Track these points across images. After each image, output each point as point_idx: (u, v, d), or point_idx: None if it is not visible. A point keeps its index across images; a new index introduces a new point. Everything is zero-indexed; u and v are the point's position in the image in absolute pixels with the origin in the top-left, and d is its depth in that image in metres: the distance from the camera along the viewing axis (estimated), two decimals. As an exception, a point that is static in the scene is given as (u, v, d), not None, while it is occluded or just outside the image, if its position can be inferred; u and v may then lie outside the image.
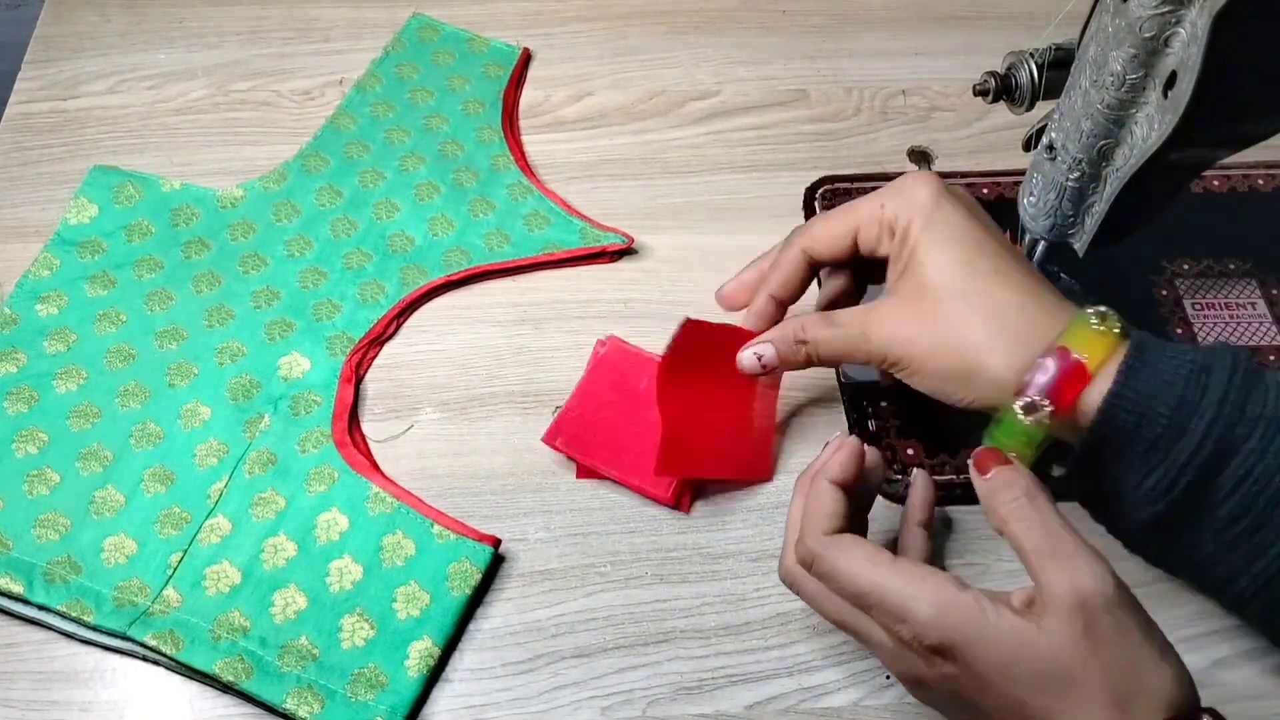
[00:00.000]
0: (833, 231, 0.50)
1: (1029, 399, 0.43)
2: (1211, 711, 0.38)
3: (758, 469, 0.54)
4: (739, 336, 0.52)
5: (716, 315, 0.60)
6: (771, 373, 0.52)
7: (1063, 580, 0.38)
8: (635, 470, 0.53)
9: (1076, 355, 0.43)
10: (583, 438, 0.53)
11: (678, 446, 0.51)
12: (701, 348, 0.52)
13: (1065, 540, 0.40)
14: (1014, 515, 0.41)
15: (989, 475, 0.42)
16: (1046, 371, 0.43)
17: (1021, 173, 0.55)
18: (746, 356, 0.51)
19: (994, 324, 0.45)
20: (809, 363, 0.50)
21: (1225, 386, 0.41)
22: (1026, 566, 0.40)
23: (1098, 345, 0.43)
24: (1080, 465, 0.44)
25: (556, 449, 0.53)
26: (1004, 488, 0.41)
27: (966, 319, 0.45)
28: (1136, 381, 0.42)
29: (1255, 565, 0.43)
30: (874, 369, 0.52)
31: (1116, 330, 0.43)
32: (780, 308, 0.52)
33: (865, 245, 0.50)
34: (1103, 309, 0.44)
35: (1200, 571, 0.45)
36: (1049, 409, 0.42)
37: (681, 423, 0.51)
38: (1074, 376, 0.43)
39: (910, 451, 0.55)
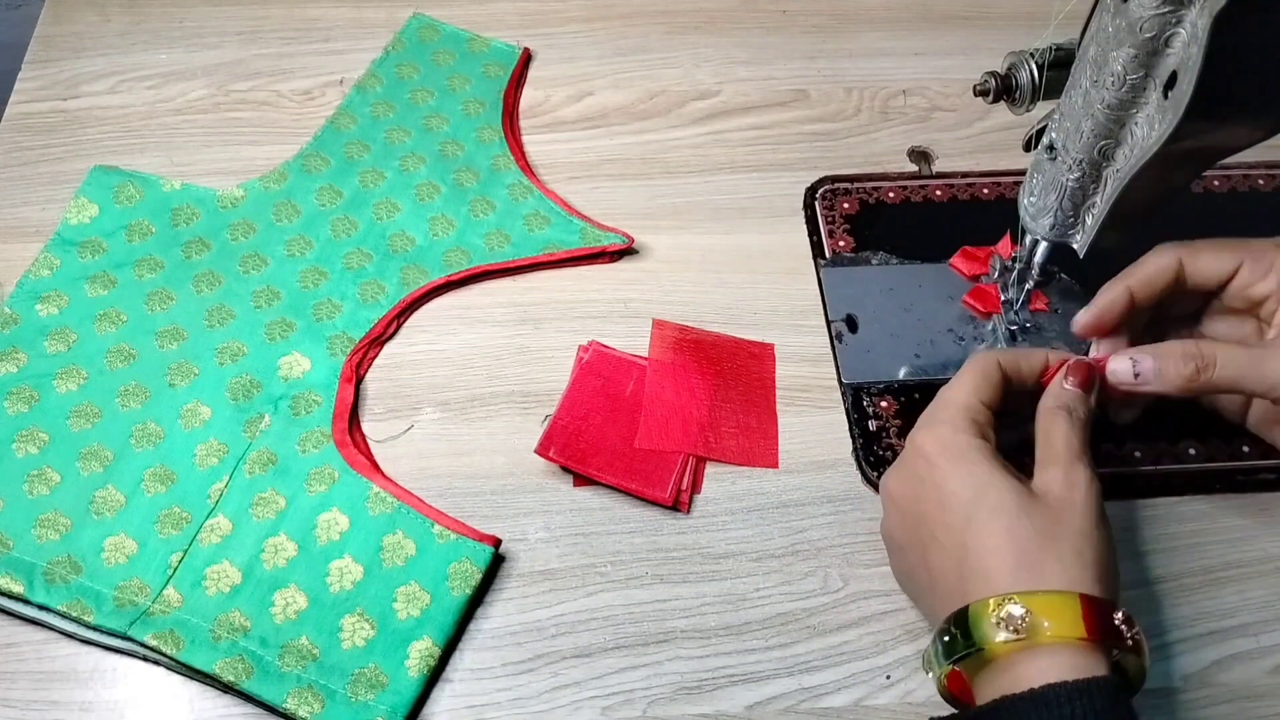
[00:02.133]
0: (1217, 253, 0.50)
1: None
2: (1127, 616, 0.41)
3: (762, 457, 0.55)
4: (719, 340, 0.57)
5: (717, 315, 0.60)
6: (1131, 388, 0.49)
7: (1057, 476, 0.44)
8: (631, 474, 0.53)
9: None
10: (575, 446, 0.53)
11: (655, 421, 0.55)
12: (677, 346, 0.57)
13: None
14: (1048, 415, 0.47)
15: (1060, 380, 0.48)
16: None
17: (1021, 173, 0.55)
18: (1121, 363, 0.48)
19: None
20: (1191, 387, 0.47)
21: None
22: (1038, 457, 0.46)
23: None
24: None
25: (550, 460, 0.53)
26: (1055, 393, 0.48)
27: None
28: None
29: None
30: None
31: None
32: (1130, 306, 0.50)
33: (1244, 278, 0.50)
34: None
35: None
36: None
37: (661, 401, 0.55)
38: None
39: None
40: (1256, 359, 0.47)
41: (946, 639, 0.42)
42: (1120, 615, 0.41)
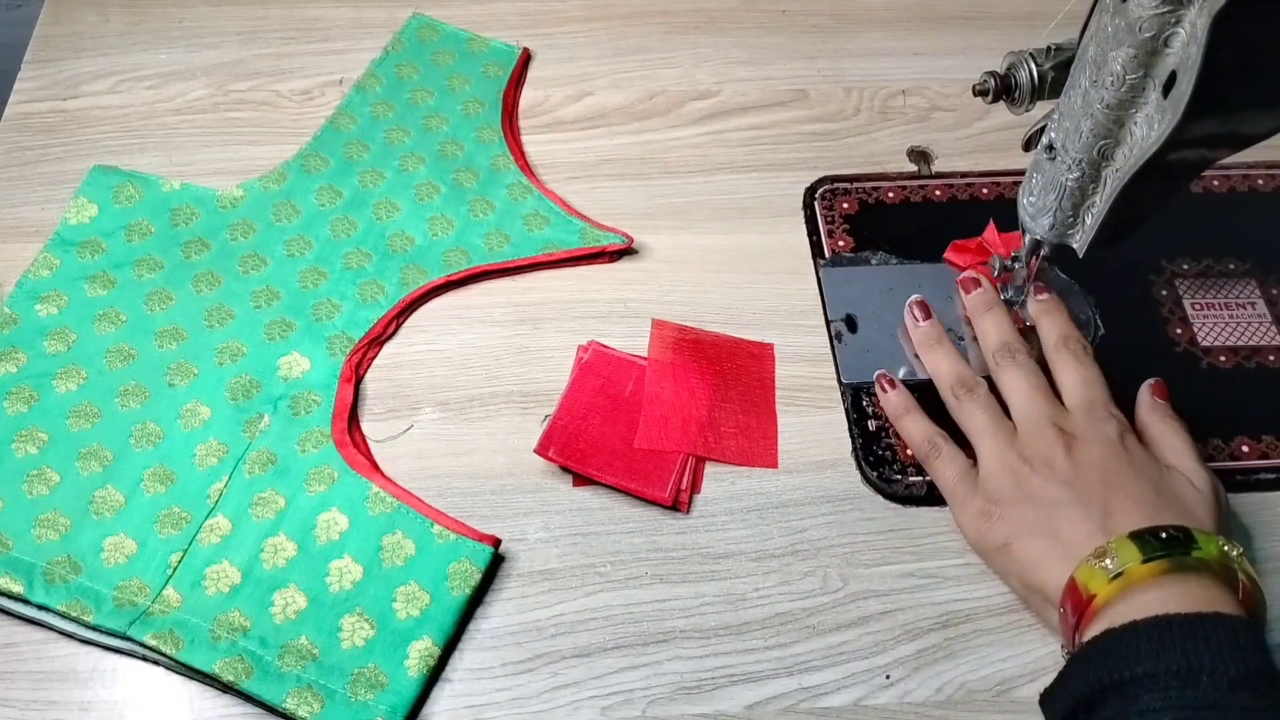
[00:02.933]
0: None
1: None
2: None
3: (762, 457, 0.55)
4: (718, 340, 0.58)
5: (716, 315, 0.60)
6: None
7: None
8: (631, 474, 0.53)
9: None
10: (574, 446, 0.53)
11: (654, 421, 0.55)
12: (676, 346, 0.57)
13: None
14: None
15: None
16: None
17: (1021, 173, 0.55)
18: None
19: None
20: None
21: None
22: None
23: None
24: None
25: (549, 460, 0.53)
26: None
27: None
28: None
29: None
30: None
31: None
32: None
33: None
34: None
35: None
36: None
37: (661, 401, 0.56)
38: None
39: (910, 451, 0.55)
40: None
41: (1165, 535, 0.44)
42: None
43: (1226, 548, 0.44)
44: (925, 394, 0.56)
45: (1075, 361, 0.53)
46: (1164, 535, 0.44)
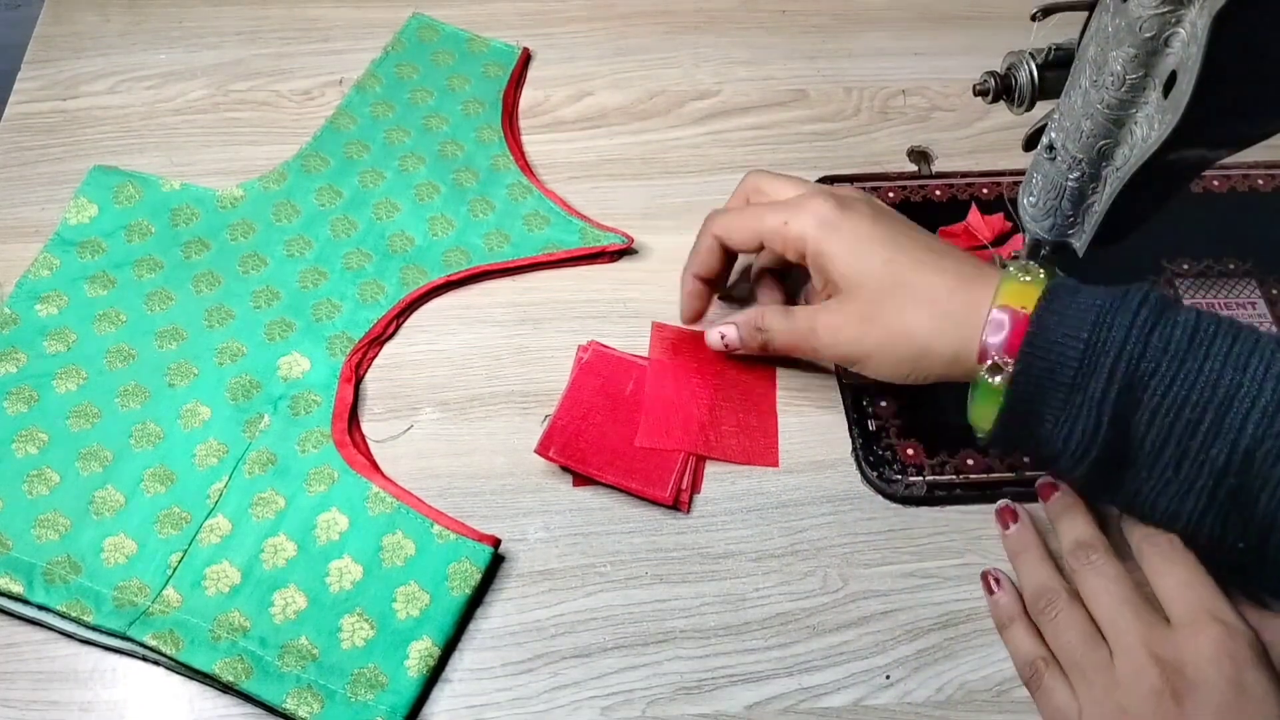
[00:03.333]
0: (740, 231, 0.55)
1: (991, 360, 0.46)
2: None
3: (762, 456, 0.55)
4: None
5: (716, 316, 0.60)
6: (736, 352, 0.56)
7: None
8: (632, 473, 0.53)
9: (1017, 308, 0.45)
10: (575, 446, 0.53)
11: (655, 420, 0.55)
12: (676, 348, 0.58)
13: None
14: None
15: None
16: (1000, 330, 0.46)
17: (1021, 173, 0.55)
18: (712, 335, 0.56)
19: (930, 310, 0.48)
20: (765, 350, 0.55)
21: (1129, 324, 0.43)
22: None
23: (1029, 295, 0.46)
24: (1009, 415, 0.46)
25: (550, 459, 0.53)
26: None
27: (904, 311, 0.49)
28: (1046, 329, 0.44)
29: (1186, 504, 0.44)
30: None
31: (1042, 278, 0.46)
32: (708, 285, 0.58)
33: (770, 251, 0.55)
34: (1024, 262, 0.48)
35: (1147, 511, 0.46)
36: (1011, 364, 0.45)
37: (661, 400, 0.56)
38: (1020, 328, 0.45)
39: (910, 451, 0.55)
40: (805, 332, 0.52)
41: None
42: None
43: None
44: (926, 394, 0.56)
45: (1165, 561, 0.47)
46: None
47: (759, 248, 0.55)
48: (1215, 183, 0.66)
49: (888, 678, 0.49)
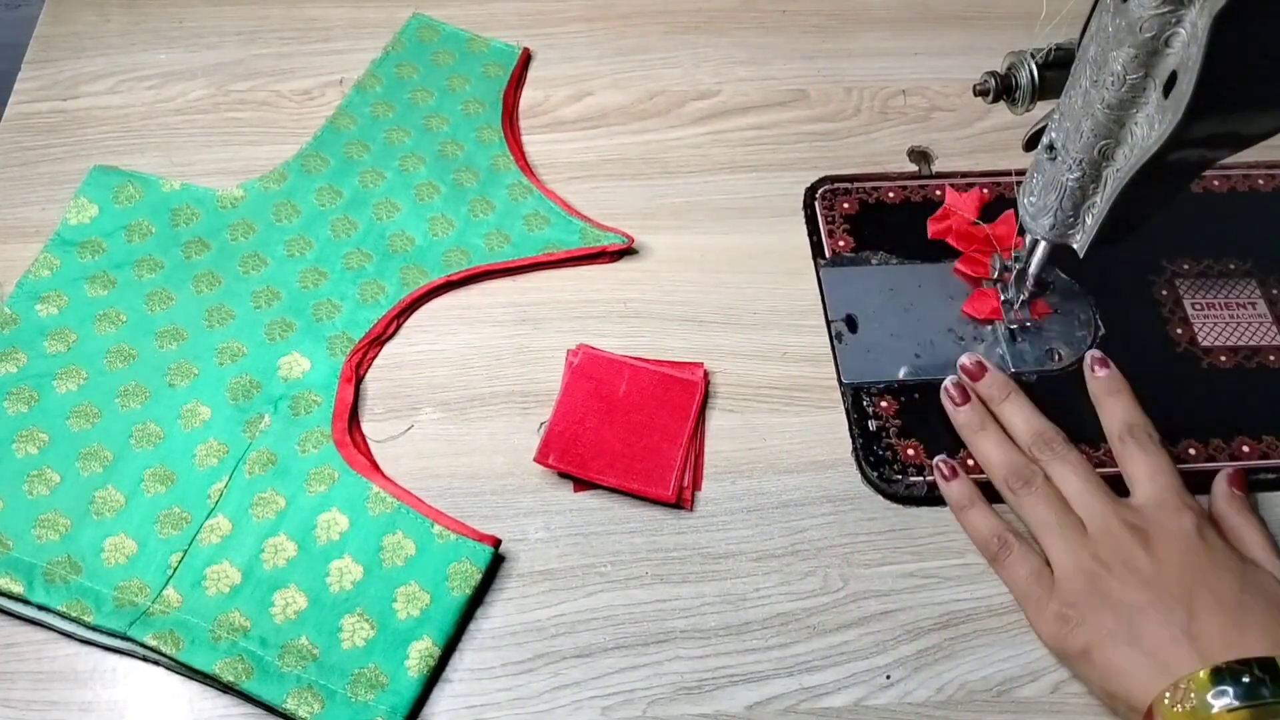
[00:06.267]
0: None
1: None
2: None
3: (656, 485, 0.53)
4: (639, 369, 0.56)
5: (716, 315, 0.60)
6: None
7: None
8: (633, 474, 0.53)
9: None
10: (574, 451, 0.53)
11: (566, 440, 0.54)
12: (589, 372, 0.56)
13: None
14: None
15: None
16: None
17: (1021, 173, 0.55)
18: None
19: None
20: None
21: None
22: None
23: None
24: None
25: (549, 467, 0.53)
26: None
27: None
28: None
29: None
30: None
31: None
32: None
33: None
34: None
35: None
36: None
37: (569, 420, 0.54)
38: None
39: (910, 451, 0.55)
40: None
41: (1248, 680, 0.42)
42: None
43: None
44: (926, 394, 0.56)
45: (1143, 452, 0.51)
46: (1245, 680, 0.42)
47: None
48: (1215, 183, 0.66)
49: (888, 678, 0.49)
